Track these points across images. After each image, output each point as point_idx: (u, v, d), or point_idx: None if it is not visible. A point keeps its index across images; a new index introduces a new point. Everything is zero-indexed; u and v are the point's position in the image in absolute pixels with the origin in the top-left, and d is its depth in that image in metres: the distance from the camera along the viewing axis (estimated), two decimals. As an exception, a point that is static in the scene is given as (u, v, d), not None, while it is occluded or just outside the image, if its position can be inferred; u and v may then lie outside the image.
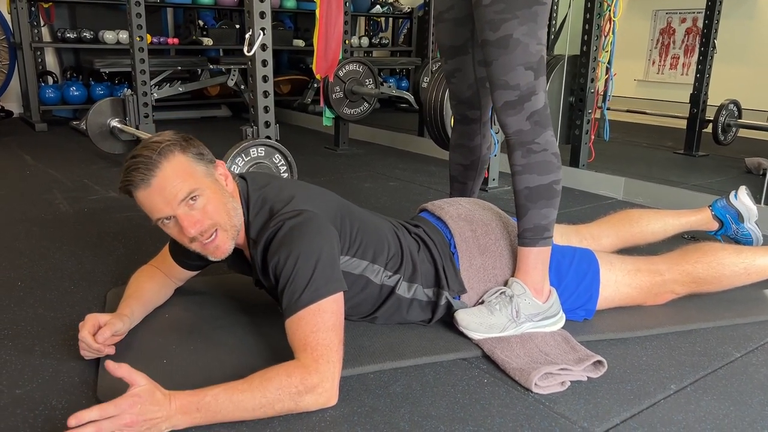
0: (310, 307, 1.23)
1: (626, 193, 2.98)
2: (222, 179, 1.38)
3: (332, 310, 1.25)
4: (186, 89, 5.11)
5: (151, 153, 1.26)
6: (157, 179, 1.26)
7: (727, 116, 4.13)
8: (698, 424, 1.20)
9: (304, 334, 1.21)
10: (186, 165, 1.30)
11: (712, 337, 1.57)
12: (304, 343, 1.20)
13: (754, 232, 2.05)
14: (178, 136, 1.33)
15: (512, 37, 1.39)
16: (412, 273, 1.51)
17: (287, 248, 1.27)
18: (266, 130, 2.30)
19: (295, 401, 1.16)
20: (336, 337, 1.23)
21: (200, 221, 1.30)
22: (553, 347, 1.45)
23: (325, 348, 1.20)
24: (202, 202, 1.30)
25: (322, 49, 3.73)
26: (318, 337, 1.20)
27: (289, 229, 1.29)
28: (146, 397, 1.05)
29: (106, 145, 3.41)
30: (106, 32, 4.99)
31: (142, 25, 3.18)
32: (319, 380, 1.17)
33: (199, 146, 1.35)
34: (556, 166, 1.48)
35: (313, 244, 1.27)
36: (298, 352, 1.21)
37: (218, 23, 5.64)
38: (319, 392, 1.18)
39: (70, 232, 2.30)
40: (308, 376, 1.17)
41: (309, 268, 1.25)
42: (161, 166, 1.26)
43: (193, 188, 1.28)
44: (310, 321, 1.22)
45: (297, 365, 1.18)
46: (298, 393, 1.15)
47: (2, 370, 1.34)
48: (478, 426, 1.18)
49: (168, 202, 1.27)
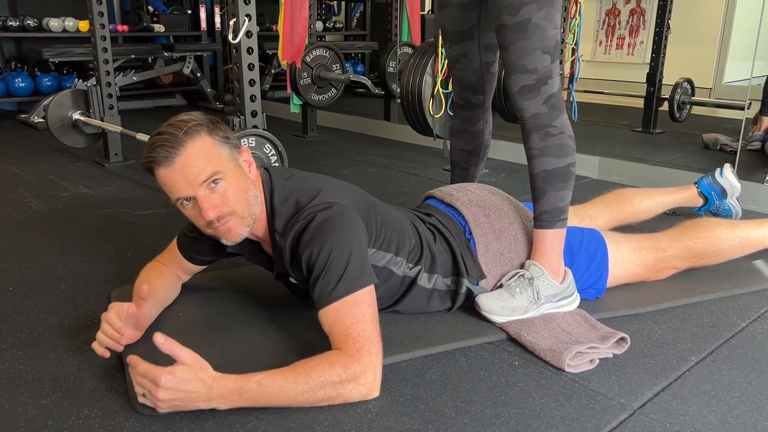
0: (346, 299, 1.22)
1: (600, 172, 3.06)
2: (245, 165, 1.36)
3: (368, 302, 1.24)
4: (140, 78, 4.96)
5: (177, 131, 1.24)
6: (181, 158, 1.24)
7: (682, 94, 4.28)
8: (726, 393, 1.26)
9: (344, 325, 1.20)
10: (211, 146, 1.27)
11: (716, 308, 1.63)
12: (346, 334, 1.20)
13: (734, 207, 2.15)
14: (206, 117, 1.31)
15: (531, 21, 1.40)
16: (432, 263, 1.51)
17: (320, 240, 1.25)
18: (253, 119, 2.24)
19: (337, 390, 1.16)
20: (375, 329, 1.22)
21: (219, 205, 1.28)
22: (575, 326, 1.48)
23: (366, 340, 1.19)
24: (224, 186, 1.28)
25: (287, 35, 3.66)
26: (359, 329, 1.20)
27: (321, 222, 1.27)
28: (186, 375, 1.09)
29: (68, 139, 3.26)
30: (51, 20, 4.76)
31: (103, 12, 3.04)
32: (361, 370, 1.17)
33: (226, 130, 1.33)
34: (572, 148, 1.51)
35: (346, 237, 1.26)
36: (339, 343, 1.20)
37: (169, 9, 5.45)
38: (361, 382, 1.18)
39: (50, 232, 2.20)
40: (351, 365, 1.16)
41: (343, 260, 1.24)
42: (186, 145, 1.24)
43: (216, 170, 1.26)
44: (349, 312, 1.21)
45: (340, 354, 1.18)
46: (340, 382, 1.15)
47: (20, 381, 1.28)
48: (521, 408, 1.20)
49: (189, 182, 1.25)
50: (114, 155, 3.24)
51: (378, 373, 1.20)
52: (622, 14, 6.25)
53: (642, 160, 3.24)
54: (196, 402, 1.11)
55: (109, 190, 2.77)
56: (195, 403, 1.11)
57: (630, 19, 6.20)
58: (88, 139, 3.32)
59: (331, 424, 1.15)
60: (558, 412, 1.19)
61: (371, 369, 1.19)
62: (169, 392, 1.08)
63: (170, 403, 1.10)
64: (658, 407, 1.21)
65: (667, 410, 1.20)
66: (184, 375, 1.09)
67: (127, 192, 2.74)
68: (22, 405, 1.19)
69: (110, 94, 3.14)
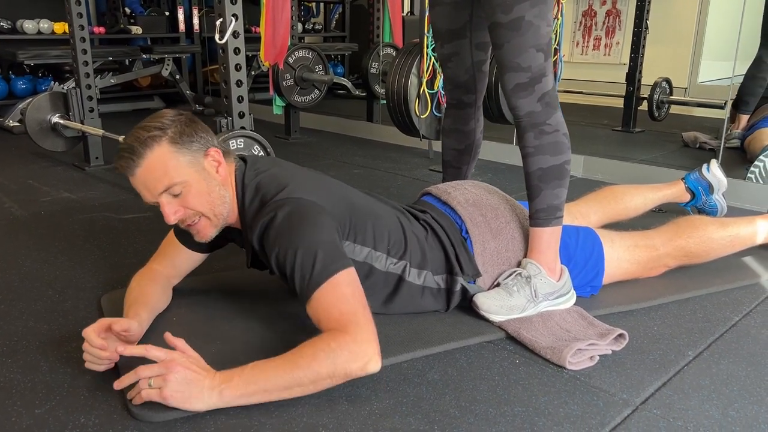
0: (323, 286, 1.22)
1: (585, 170, 3.08)
2: (212, 167, 1.37)
3: (346, 281, 1.24)
4: (118, 81, 4.88)
5: (136, 143, 1.29)
6: (141, 169, 1.30)
7: (661, 93, 4.33)
8: (725, 386, 1.27)
9: (327, 310, 1.21)
10: (168, 157, 1.30)
11: (708, 303, 1.65)
12: (330, 317, 1.20)
13: (720, 203, 2.18)
14: (175, 119, 1.34)
15: (524, 19, 1.40)
16: (421, 259, 1.50)
17: (285, 240, 1.27)
18: (241, 120, 2.22)
19: (332, 362, 1.14)
20: (357, 302, 1.22)
21: (180, 210, 1.35)
22: (573, 324, 1.48)
23: (351, 314, 1.19)
24: (183, 193, 1.33)
25: (270, 36, 3.63)
26: (341, 308, 1.20)
27: (283, 218, 1.29)
28: (197, 359, 1.17)
29: (47, 142, 3.19)
30: (26, 21, 4.67)
31: (82, 14, 2.98)
32: (351, 340, 1.16)
33: (195, 131, 1.35)
34: (567, 146, 1.51)
35: (309, 233, 1.27)
36: (328, 328, 1.20)
37: (146, 10, 5.38)
38: (354, 352, 1.15)
39: (33, 238, 2.15)
40: (339, 337, 1.16)
41: (310, 255, 1.24)
42: (145, 156, 1.29)
43: (173, 182, 1.31)
44: (329, 297, 1.22)
45: (328, 333, 1.18)
46: (333, 352, 1.14)
47: (12, 390, 1.24)
48: (525, 406, 1.20)
49: (150, 191, 1.32)
50: (95, 159, 3.18)
51: (371, 343, 1.17)
52: (598, 15, 6.31)
53: (624, 159, 3.27)
54: (201, 382, 1.13)
55: (92, 194, 2.71)
56: (200, 383, 1.13)
57: (606, 20, 6.27)
58: (68, 142, 3.25)
59: (335, 426, 1.13)
60: (562, 409, 1.19)
61: (361, 340, 1.16)
62: (180, 364, 1.13)
63: (176, 386, 1.11)
64: (660, 402, 1.21)
65: (669, 405, 1.20)
66: (192, 356, 1.17)
67: (110, 196, 2.69)
68: (15, 415, 1.16)
69: (90, 96, 3.08)
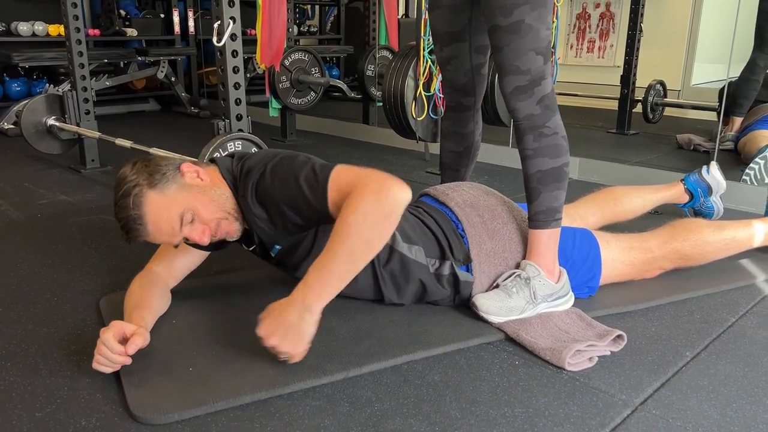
0: (329, 180, 1.31)
1: (581, 172, 3.09)
2: (194, 179, 1.41)
3: (348, 166, 1.34)
4: (114, 83, 4.88)
5: (128, 211, 1.33)
6: (149, 227, 1.35)
7: (655, 96, 4.36)
8: (723, 387, 1.28)
9: (345, 185, 1.29)
10: (160, 199, 1.35)
11: (705, 304, 1.66)
12: (349, 187, 1.28)
13: (717, 205, 2.19)
14: (136, 171, 1.36)
15: (524, 22, 1.41)
16: (410, 234, 1.54)
17: (280, 178, 1.35)
18: (238, 123, 2.22)
19: (364, 217, 1.23)
20: (357, 168, 1.32)
21: (205, 229, 1.38)
22: (571, 325, 1.49)
23: (364, 172, 1.29)
24: (194, 215, 1.37)
25: (266, 38, 3.63)
26: (355, 173, 1.30)
27: (270, 169, 1.37)
28: (273, 309, 1.27)
29: (42, 145, 3.18)
30: (20, 24, 4.65)
31: (78, 16, 2.98)
32: (366, 186, 1.25)
33: (159, 167, 1.39)
34: (565, 148, 1.52)
35: (298, 161, 1.37)
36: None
37: (142, 13, 5.37)
38: (386, 186, 1.25)
39: (31, 241, 2.14)
40: (359, 191, 1.25)
41: (309, 169, 1.34)
42: (144, 214, 1.33)
43: (180, 214, 1.35)
44: (340, 177, 1.31)
45: (348, 198, 1.26)
46: (363, 209, 1.24)
47: (12, 393, 1.24)
48: (525, 407, 1.20)
49: (171, 236, 1.37)
50: (91, 161, 3.17)
51: (388, 176, 1.28)
52: (592, 18, 6.34)
53: (620, 161, 3.29)
54: (291, 318, 1.24)
55: (88, 196, 2.71)
56: (291, 319, 1.24)
57: (600, 22, 6.30)
58: (63, 145, 3.24)
59: (337, 428, 1.14)
60: (562, 410, 1.19)
61: (376, 179, 1.27)
62: (277, 336, 1.23)
63: (284, 340, 1.23)
64: (659, 403, 1.22)
65: (669, 405, 1.21)
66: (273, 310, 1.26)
67: (107, 198, 2.68)
68: (16, 418, 1.16)
69: (86, 99, 3.07)
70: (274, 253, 1.51)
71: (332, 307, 1.53)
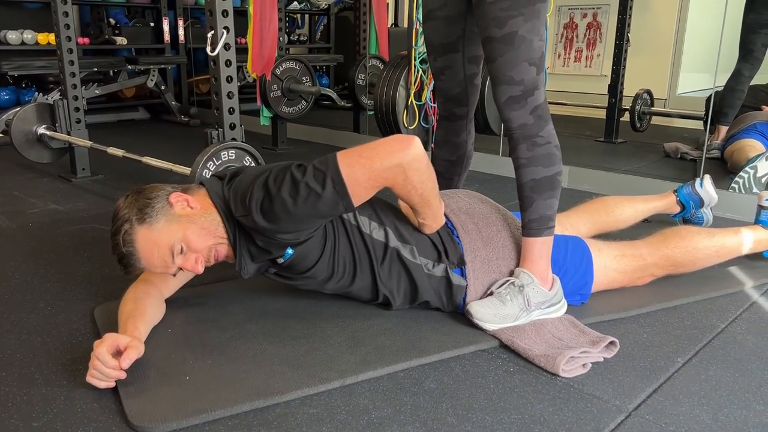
0: (338, 161, 1.35)
1: (571, 180, 3.12)
2: (184, 209, 1.43)
3: (343, 153, 1.37)
4: (103, 92, 4.87)
5: (120, 248, 1.39)
6: (144, 261, 1.41)
7: (642, 105, 4.41)
8: (714, 392, 1.30)
9: (360, 158, 1.36)
10: (149, 234, 1.39)
11: (695, 311, 1.69)
12: (362, 174, 1.35)
13: (706, 215, 2.23)
14: (126, 206, 1.40)
15: (518, 33, 1.43)
16: (404, 235, 1.56)
17: (276, 183, 1.36)
18: (232, 132, 2.23)
19: (400, 146, 1.37)
20: (353, 151, 1.38)
21: (198, 257, 1.42)
22: (564, 332, 1.51)
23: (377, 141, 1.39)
24: (187, 244, 1.41)
25: (257, 47, 3.65)
26: (366, 145, 1.39)
27: (258, 186, 1.38)
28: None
29: (32, 154, 3.17)
30: (9, 32, 4.63)
31: (69, 25, 2.98)
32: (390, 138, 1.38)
33: (149, 201, 1.42)
34: (558, 158, 1.54)
35: (293, 168, 1.39)
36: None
37: (131, 21, 5.36)
38: (402, 139, 1.38)
39: (22, 249, 2.13)
40: (384, 143, 1.38)
41: (309, 170, 1.36)
42: (136, 250, 1.39)
43: (170, 247, 1.39)
44: (348, 155, 1.36)
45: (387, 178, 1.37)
46: (392, 150, 1.36)
47: (8, 403, 1.23)
48: (521, 414, 1.22)
49: (165, 267, 1.43)
50: (81, 170, 3.16)
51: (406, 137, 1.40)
52: (579, 27, 6.41)
53: (609, 169, 3.32)
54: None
55: (80, 205, 2.70)
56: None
57: (587, 32, 6.36)
58: (54, 153, 3.23)
59: (335, 436, 1.14)
60: (557, 416, 1.21)
61: (394, 137, 1.40)
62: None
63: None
64: (652, 408, 1.24)
65: (661, 411, 1.23)
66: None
67: (98, 207, 2.67)
68: (13, 428, 1.15)
69: (77, 107, 3.07)
70: (285, 258, 1.49)
71: (328, 315, 1.54)
